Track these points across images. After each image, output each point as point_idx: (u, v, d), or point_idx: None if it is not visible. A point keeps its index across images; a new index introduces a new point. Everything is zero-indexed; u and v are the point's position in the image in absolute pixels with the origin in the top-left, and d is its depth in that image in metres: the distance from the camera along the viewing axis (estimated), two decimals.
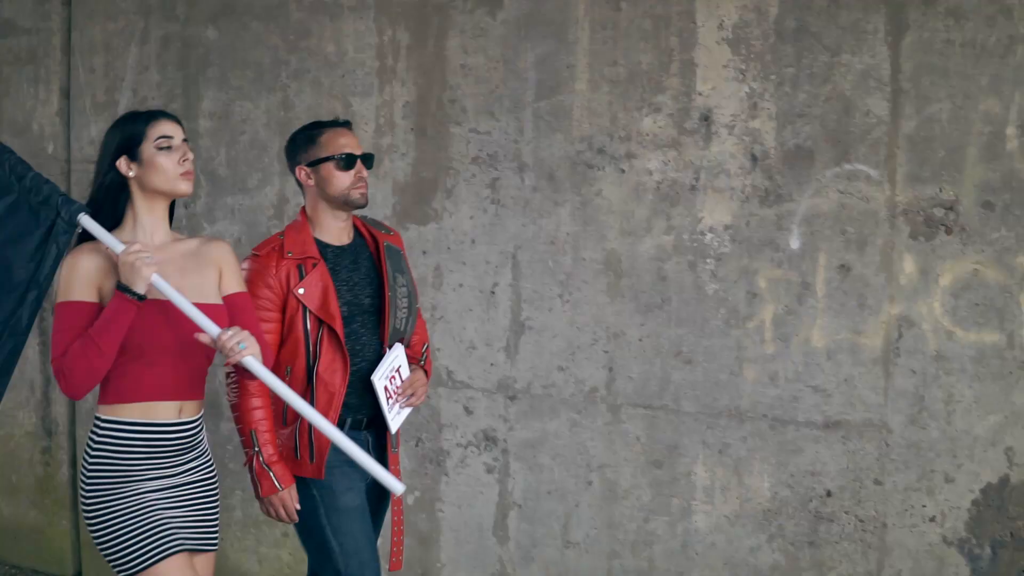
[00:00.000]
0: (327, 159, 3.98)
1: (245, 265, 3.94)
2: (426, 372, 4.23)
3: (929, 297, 4.41)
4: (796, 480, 4.63)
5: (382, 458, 4.06)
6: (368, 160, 4.05)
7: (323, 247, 4.01)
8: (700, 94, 4.69)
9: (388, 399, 4.01)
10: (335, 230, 4.05)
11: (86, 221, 3.50)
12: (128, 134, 3.57)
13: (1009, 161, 4.29)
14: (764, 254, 4.63)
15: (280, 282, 3.89)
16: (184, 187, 3.59)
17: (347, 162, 3.98)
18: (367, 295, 4.05)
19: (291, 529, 5.23)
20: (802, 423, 4.61)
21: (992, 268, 4.34)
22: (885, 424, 4.50)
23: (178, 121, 3.63)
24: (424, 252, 5.24)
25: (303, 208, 4.09)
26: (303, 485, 3.98)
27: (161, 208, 3.63)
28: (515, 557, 5.13)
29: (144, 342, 3.48)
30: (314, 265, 3.92)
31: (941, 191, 4.37)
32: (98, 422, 3.57)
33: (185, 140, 3.61)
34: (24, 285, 3.53)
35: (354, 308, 4.00)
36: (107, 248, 3.48)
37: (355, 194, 3.99)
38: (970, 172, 4.33)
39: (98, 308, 3.47)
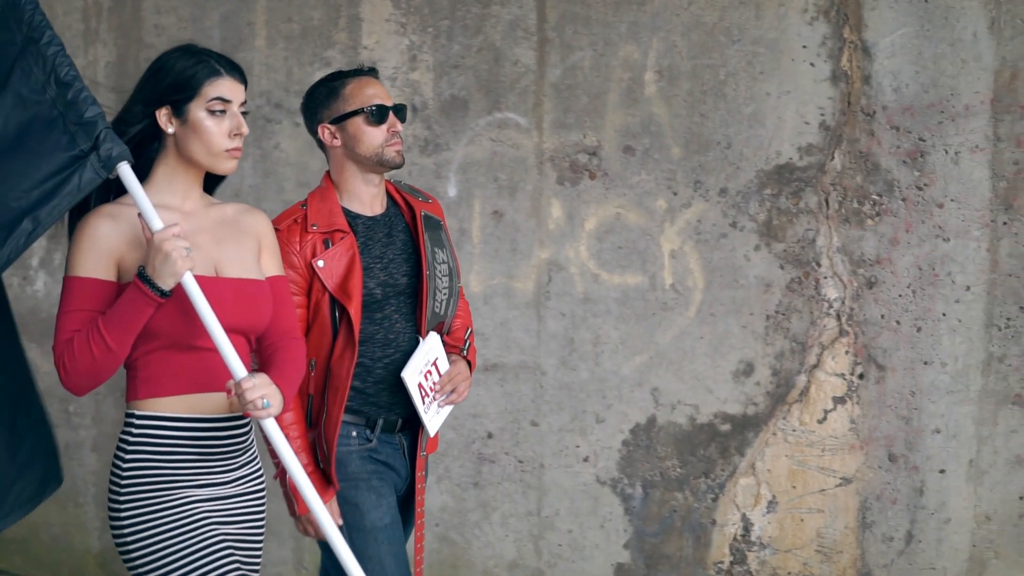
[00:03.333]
0: (355, 113, 3.20)
1: None
2: (470, 363, 3.39)
3: (576, 241, 4.26)
4: (460, 423, 4.45)
5: (412, 463, 3.32)
6: (401, 112, 3.28)
7: (352, 218, 3.23)
8: (366, 48, 4.50)
9: (424, 397, 3.21)
10: (366, 197, 3.26)
11: (125, 172, 2.60)
12: (180, 81, 2.68)
13: (648, 106, 4.16)
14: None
15: (304, 260, 3.13)
16: (227, 165, 2.72)
17: (379, 115, 3.20)
18: (403, 273, 3.26)
19: None
20: None
21: (634, 212, 4.20)
22: (539, 366, 4.34)
23: (245, 80, 2.77)
24: None
25: (327, 173, 3.30)
26: None
27: (196, 175, 2.78)
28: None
29: (182, 326, 2.66)
30: (342, 238, 3.16)
31: (585, 137, 4.23)
32: (132, 418, 2.71)
33: (244, 108, 2.75)
34: (17, 213, 2.56)
35: (388, 289, 3.22)
36: (139, 217, 2.61)
37: (390, 152, 3.21)
38: (611, 118, 4.19)
39: (115, 288, 2.65)
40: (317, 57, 4.57)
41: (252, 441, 2.86)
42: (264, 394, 2.59)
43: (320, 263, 3.11)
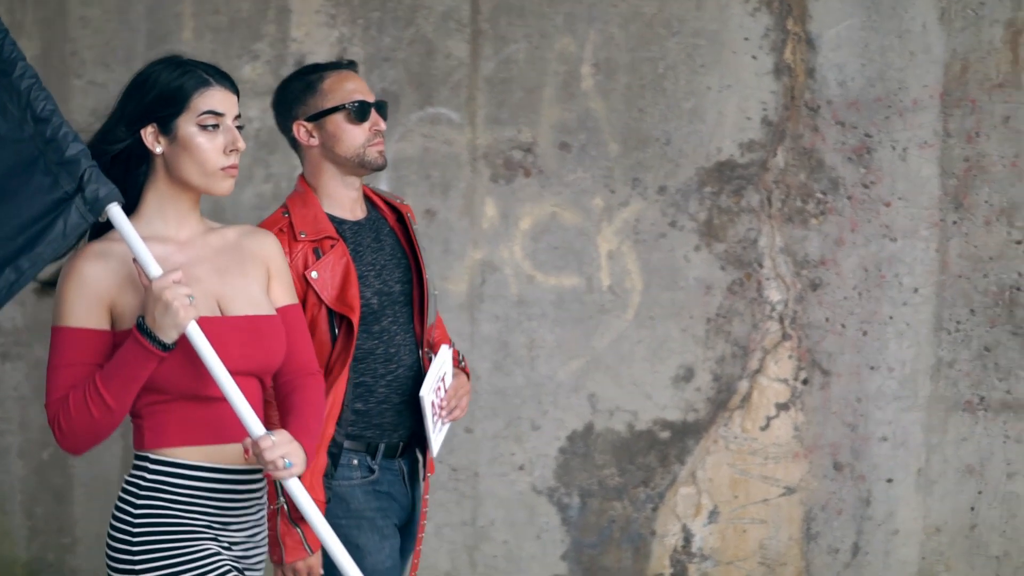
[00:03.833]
0: (334, 110, 2.95)
1: None
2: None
3: (510, 241, 4.10)
4: None
5: (414, 486, 3.08)
6: (383, 109, 3.03)
7: (338, 224, 2.96)
8: (295, 40, 4.32)
9: (435, 416, 2.98)
10: (347, 201, 2.99)
11: (116, 215, 2.33)
12: (165, 94, 2.41)
13: (584, 100, 4.03)
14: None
15: (297, 272, 2.85)
16: (223, 186, 2.43)
17: (360, 112, 2.95)
18: (396, 280, 3.01)
19: None
20: None
21: (570, 211, 4.07)
22: (472, 371, 4.13)
23: (236, 90, 2.49)
24: None
25: (301, 176, 3.02)
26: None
27: (190, 198, 2.47)
28: None
29: (190, 378, 2.40)
30: (332, 246, 2.90)
31: (519, 133, 4.07)
32: (146, 461, 2.43)
33: (238, 121, 2.47)
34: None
35: (384, 299, 2.97)
36: (134, 263, 2.35)
37: (372, 152, 2.96)
38: (547, 113, 4.05)
39: (109, 338, 2.38)
40: (245, 50, 4.40)
41: (264, 499, 2.58)
42: (284, 453, 2.31)
43: (314, 274, 2.84)
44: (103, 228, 2.45)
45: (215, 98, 2.42)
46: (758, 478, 4.03)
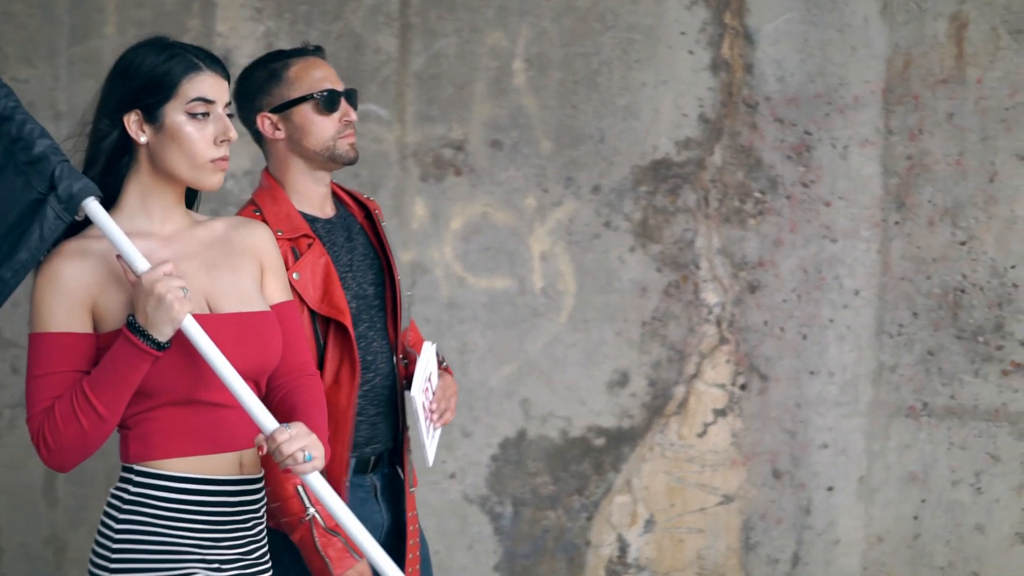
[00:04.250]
0: (301, 100, 2.74)
1: None
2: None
3: (440, 242, 3.97)
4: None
5: (399, 504, 2.88)
6: (354, 98, 2.83)
7: (309, 222, 2.76)
8: (220, 35, 4.19)
9: (427, 420, 2.80)
10: (316, 198, 2.79)
11: (94, 210, 2.17)
12: (151, 79, 2.22)
13: (517, 97, 3.93)
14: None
15: None
16: (213, 179, 2.24)
17: (329, 102, 2.75)
18: (369, 282, 2.82)
19: None
20: None
21: (502, 211, 3.96)
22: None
23: (227, 75, 2.30)
24: None
25: (266, 171, 2.81)
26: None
27: (176, 192, 2.29)
28: (63, 520, 4.63)
29: (183, 380, 2.23)
30: (309, 245, 2.69)
31: (450, 131, 3.95)
32: (131, 473, 2.26)
33: (228, 109, 2.28)
34: None
35: (361, 302, 2.79)
36: (118, 259, 2.17)
37: (343, 145, 2.76)
38: (478, 110, 3.94)
39: (93, 341, 2.20)
40: None
41: (264, 514, 2.39)
42: (304, 445, 2.12)
43: (295, 276, 2.62)
44: (80, 226, 2.26)
45: (205, 84, 2.22)
46: (695, 486, 3.93)
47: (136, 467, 2.23)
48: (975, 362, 3.82)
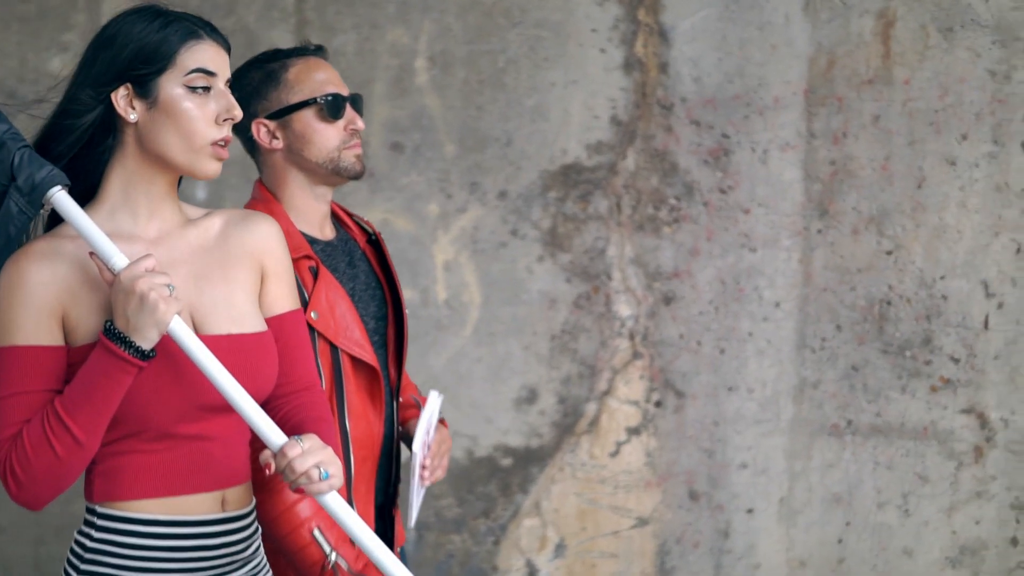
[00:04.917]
0: (302, 105, 2.48)
1: None
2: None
3: None
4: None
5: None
6: (358, 103, 2.57)
7: (310, 243, 2.49)
8: None
9: (419, 479, 2.55)
10: (316, 216, 2.52)
11: (61, 201, 1.91)
12: (144, 48, 1.93)
13: (419, 97, 3.84)
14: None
15: None
16: (210, 167, 1.96)
17: (333, 107, 2.48)
18: (371, 315, 2.56)
19: None
20: None
21: (403, 217, 3.84)
22: None
23: (228, 47, 2.04)
24: None
25: (259, 182, 2.55)
26: None
27: (166, 181, 2.01)
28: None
29: (155, 405, 1.95)
30: (313, 270, 2.42)
31: None
32: (94, 516, 1.99)
33: (229, 85, 2.03)
34: None
35: None
36: (92, 257, 1.91)
37: (348, 157, 2.50)
38: (378, 110, 3.82)
39: (63, 354, 1.94)
40: (54, 42, 4.12)
41: (259, 548, 2.11)
42: (319, 461, 1.87)
43: (314, 315, 2.36)
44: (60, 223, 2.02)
45: (207, 54, 1.96)
46: (608, 508, 3.83)
47: (99, 509, 1.97)
48: (902, 378, 3.71)
